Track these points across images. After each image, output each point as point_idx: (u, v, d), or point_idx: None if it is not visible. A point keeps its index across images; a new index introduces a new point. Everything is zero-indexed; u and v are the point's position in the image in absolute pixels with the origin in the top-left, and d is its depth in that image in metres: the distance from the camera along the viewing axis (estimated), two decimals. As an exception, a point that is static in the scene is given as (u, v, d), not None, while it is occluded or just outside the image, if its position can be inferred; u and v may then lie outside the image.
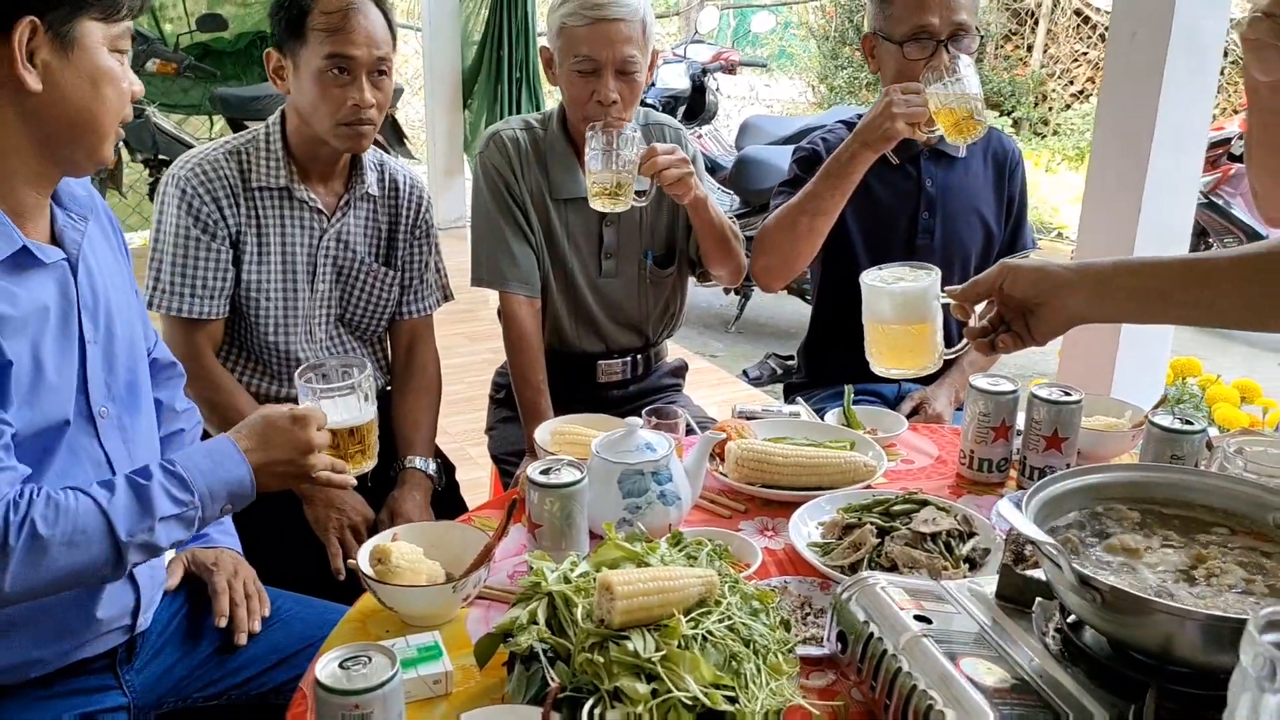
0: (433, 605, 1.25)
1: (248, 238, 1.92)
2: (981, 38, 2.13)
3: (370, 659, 0.98)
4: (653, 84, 5.70)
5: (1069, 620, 1.08)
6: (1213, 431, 1.60)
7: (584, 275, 2.20)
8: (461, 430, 3.82)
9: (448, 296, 2.22)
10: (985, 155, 2.31)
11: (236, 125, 6.14)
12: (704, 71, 6.49)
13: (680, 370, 2.50)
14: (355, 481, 1.45)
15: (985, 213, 2.30)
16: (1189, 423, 1.50)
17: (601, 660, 1.03)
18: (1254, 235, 5.72)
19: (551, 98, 7.32)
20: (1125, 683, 0.99)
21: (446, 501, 2.08)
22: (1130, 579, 1.04)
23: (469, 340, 4.82)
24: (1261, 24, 1.25)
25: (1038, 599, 1.13)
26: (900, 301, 1.54)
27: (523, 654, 1.09)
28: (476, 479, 2.95)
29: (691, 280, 2.37)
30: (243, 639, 1.50)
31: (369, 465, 1.52)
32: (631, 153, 1.90)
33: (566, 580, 1.15)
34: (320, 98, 1.84)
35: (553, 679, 1.03)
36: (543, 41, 2.10)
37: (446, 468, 2.17)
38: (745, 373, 4.94)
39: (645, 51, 2.04)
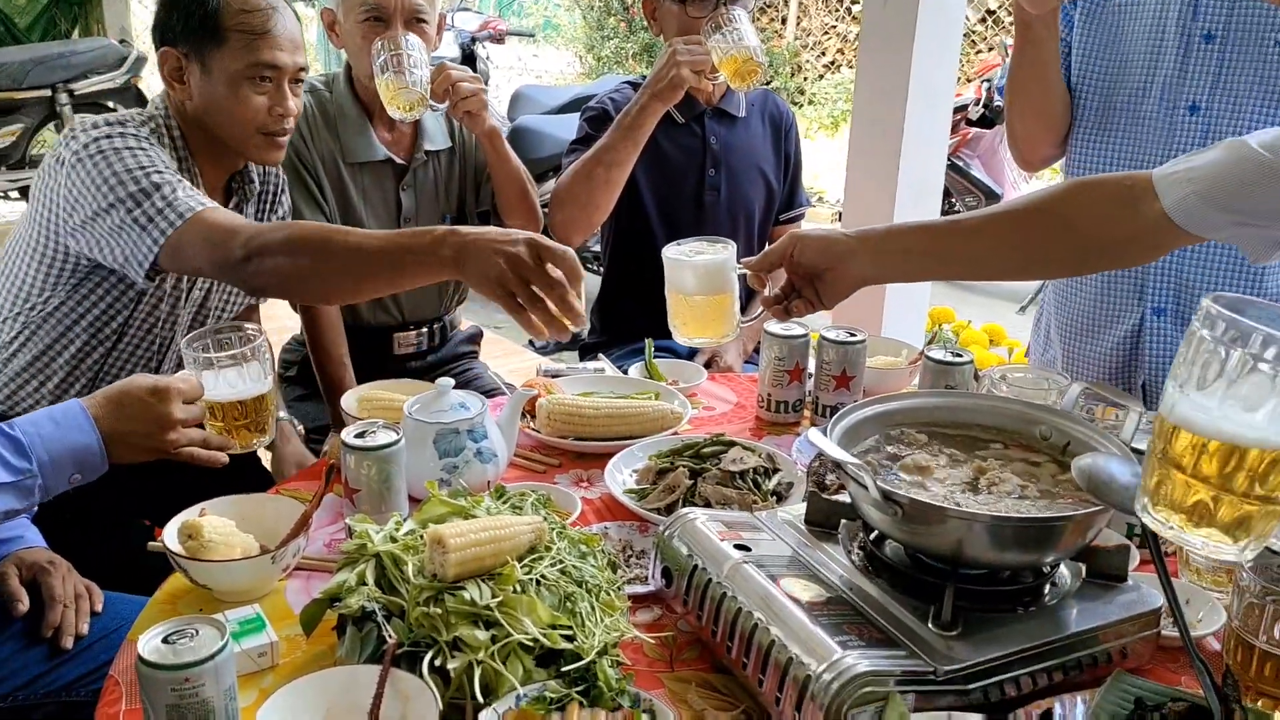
0: (251, 578, 1.21)
1: None
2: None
3: (197, 632, 0.95)
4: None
5: (871, 537, 1.17)
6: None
7: None
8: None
9: None
10: (763, 116, 2.42)
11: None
12: (473, 40, 6.41)
13: (476, 338, 2.50)
14: (226, 459, 1.35)
15: (766, 170, 2.41)
16: (959, 355, 1.64)
17: (439, 612, 1.03)
18: (990, 194, 6.24)
19: (315, 68, 7.02)
20: (924, 587, 1.09)
21: (252, 476, 2.00)
22: (924, 493, 1.13)
23: (241, 321, 4.59)
24: None
25: (842, 520, 1.22)
26: (702, 273, 1.59)
27: (353, 615, 1.08)
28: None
29: None
30: (69, 642, 1.39)
31: (261, 441, 1.43)
32: (420, 56, 1.90)
33: (393, 540, 1.14)
34: (239, 105, 1.66)
35: (390, 635, 1.03)
36: (300, 8, 2.06)
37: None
38: (531, 342, 4.96)
39: (433, 4, 2.01)
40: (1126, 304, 1.70)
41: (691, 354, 2.28)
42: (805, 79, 10.48)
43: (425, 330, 2.30)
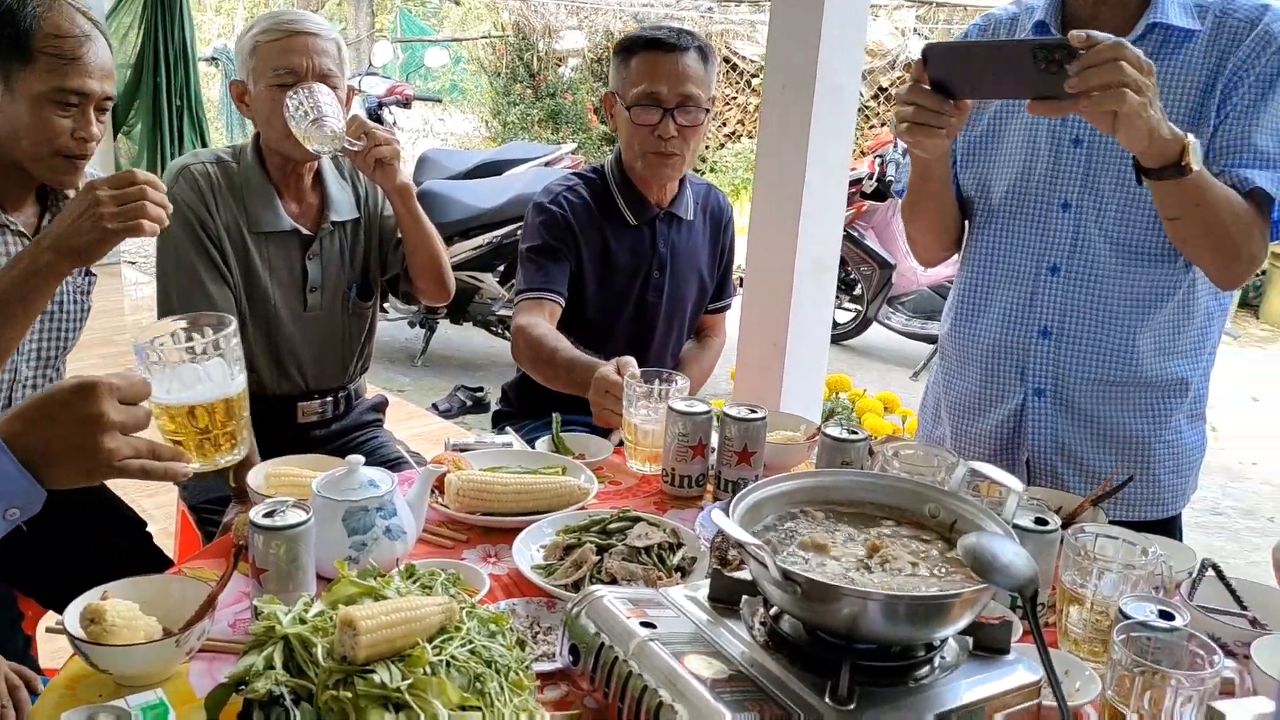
0: (154, 663, 1.19)
1: None
2: (707, 111, 2.26)
3: (101, 722, 0.94)
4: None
5: (772, 613, 1.22)
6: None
7: (288, 312, 2.14)
8: (131, 481, 3.54)
9: None
10: (706, 213, 2.48)
11: None
12: (380, 105, 6.44)
13: (381, 406, 2.49)
14: (188, 471, 1.15)
15: (703, 269, 2.47)
16: (854, 432, 1.71)
17: (348, 696, 1.04)
18: (884, 263, 6.47)
19: (215, 126, 6.95)
20: (822, 662, 1.13)
21: (148, 557, 1.96)
22: (822, 571, 1.18)
23: (133, 385, 4.48)
24: (915, 128, 1.49)
25: (744, 597, 1.26)
26: None
27: (260, 700, 1.07)
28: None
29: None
30: None
31: (231, 457, 1.24)
32: (334, 101, 1.94)
33: (302, 621, 1.14)
34: (40, 126, 1.69)
35: (298, 720, 1.03)
36: (203, 69, 2.09)
37: (137, 523, 2.05)
38: (435, 406, 4.94)
39: (342, 72, 2.05)
40: (1010, 385, 1.81)
41: (605, 431, 2.30)
42: (707, 147, 10.76)
43: (330, 399, 2.29)
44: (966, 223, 1.89)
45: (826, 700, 1.07)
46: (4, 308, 1.57)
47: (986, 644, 1.19)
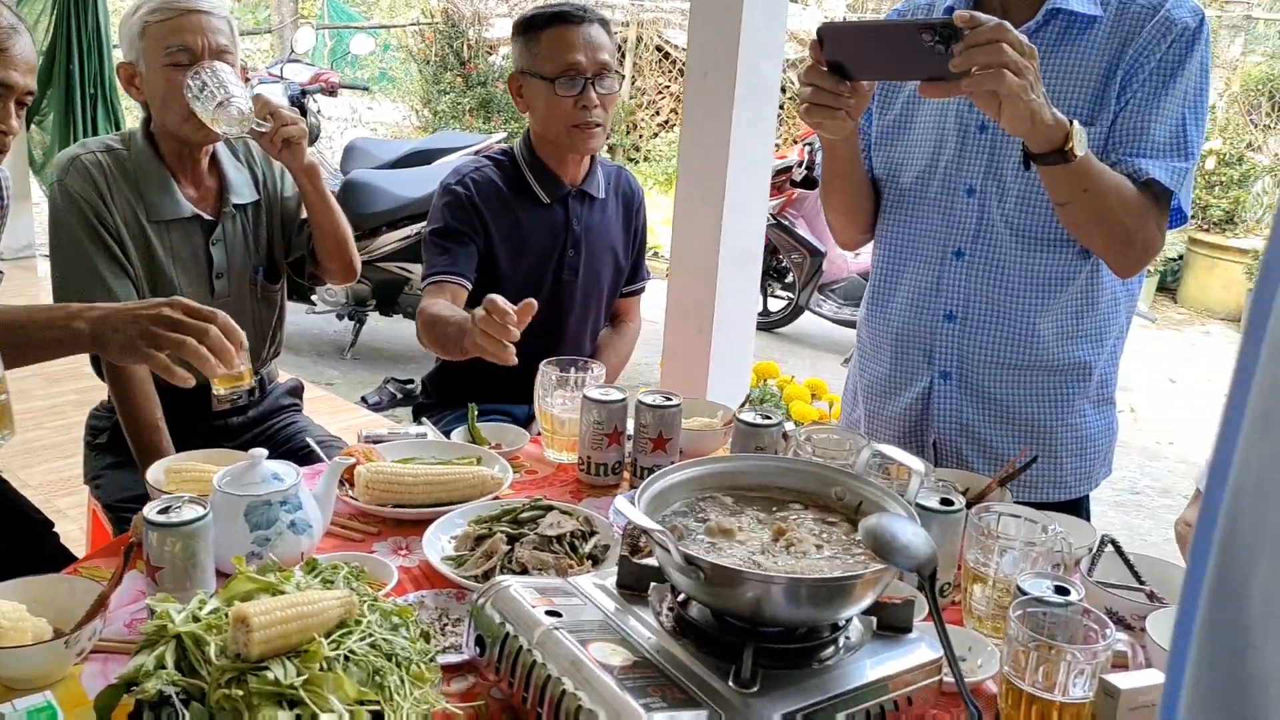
0: (42, 665, 1.16)
1: None
2: (621, 79, 2.28)
3: (-24, 728, 0.91)
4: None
5: (679, 599, 1.22)
6: (789, 425, 1.85)
7: (195, 299, 2.08)
8: (47, 481, 3.46)
9: None
10: (617, 194, 2.47)
11: None
12: (304, 93, 6.32)
13: (297, 390, 2.45)
14: None
15: (617, 249, 2.46)
16: (768, 418, 1.72)
17: (240, 694, 1.02)
18: (815, 251, 6.52)
19: (131, 114, 6.77)
20: (727, 646, 1.13)
21: (50, 554, 1.90)
22: (726, 555, 1.18)
23: (48, 382, 4.35)
24: (815, 108, 1.49)
25: (652, 584, 1.25)
26: None
27: (150, 701, 1.05)
28: (66, 532, 2.70)
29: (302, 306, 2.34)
30: None
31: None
32: (237, 80, 1.89)
33: (196, 619, 1.11)
34: None
35: (188, 720, 1.01)
36: (118, 55, 2.04)
37: (44, 524, 1.99)
38: (364, 399, 4.87)
39: (236, 51, 2.00)
40: (917, 369, 1.82)
41: (528, 420, 2.29)
42: (640, 136, 10.75)
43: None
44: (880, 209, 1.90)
45: (730, 684, 1.08)
46: (12, 330, 1.47)
47: (890, 623, 1.20)
